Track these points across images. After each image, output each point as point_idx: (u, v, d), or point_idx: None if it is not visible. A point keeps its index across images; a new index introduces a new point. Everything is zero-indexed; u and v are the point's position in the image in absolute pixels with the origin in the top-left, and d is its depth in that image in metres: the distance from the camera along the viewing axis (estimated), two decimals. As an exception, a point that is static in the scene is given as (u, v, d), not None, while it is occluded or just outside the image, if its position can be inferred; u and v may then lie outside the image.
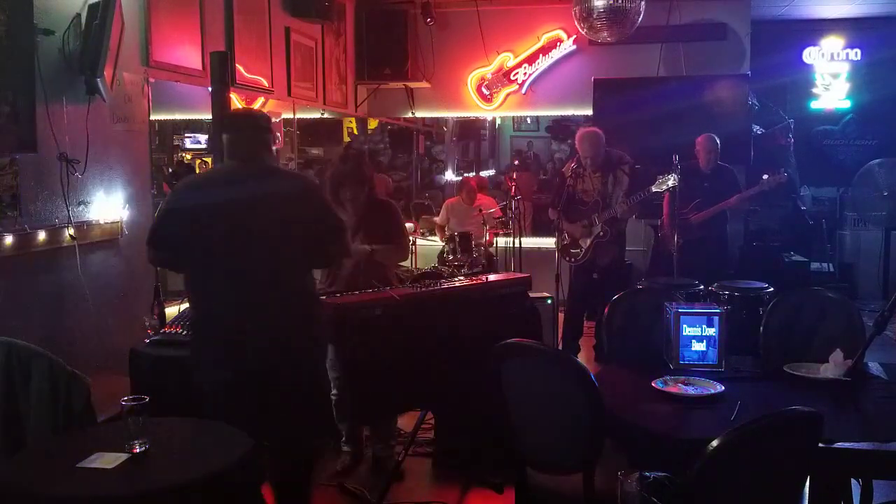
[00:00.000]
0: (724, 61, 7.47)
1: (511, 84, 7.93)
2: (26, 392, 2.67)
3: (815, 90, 9.10)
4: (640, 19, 6.18)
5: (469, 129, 11.25)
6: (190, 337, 3.05)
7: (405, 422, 4.43)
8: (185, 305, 3.66)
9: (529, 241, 7.28)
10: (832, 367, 2.90)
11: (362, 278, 3.81)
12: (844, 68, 9.02)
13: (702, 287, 5.06)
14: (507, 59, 7.90)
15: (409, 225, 7.82)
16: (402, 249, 4.01)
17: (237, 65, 5.36)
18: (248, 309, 2.81)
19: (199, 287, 2.92)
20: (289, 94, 6.30)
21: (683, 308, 3.13)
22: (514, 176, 6.99)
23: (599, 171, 5.48)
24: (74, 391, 2.69)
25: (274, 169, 3.04)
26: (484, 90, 8.00)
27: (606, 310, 3.62)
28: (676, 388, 2.81)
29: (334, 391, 4.00)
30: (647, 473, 1.74)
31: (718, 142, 5.96)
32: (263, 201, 2.84)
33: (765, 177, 5.78)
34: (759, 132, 8.21)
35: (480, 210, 7.12)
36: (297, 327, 2.92)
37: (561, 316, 5.64)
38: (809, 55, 9.05)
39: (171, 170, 9.30)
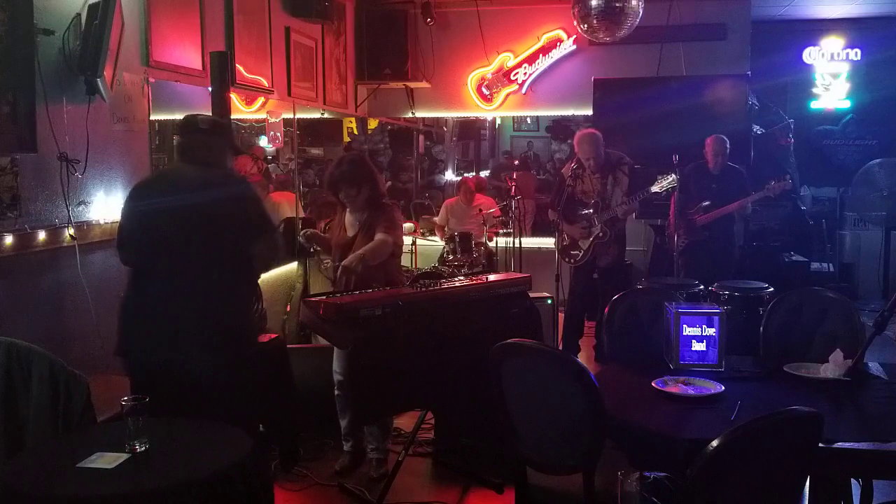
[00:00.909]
0: (724, 61, 7.47)
1: (511, 84, 7.93)
2: (26, 392, 2.67)
3: (815, 90, 9.10)
4: (638, 19, 6.18)
5: (469, 129, 11.26)
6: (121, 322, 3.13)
7: (405, 422, 4.44)
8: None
9: (529, 241, 7.29)
10: (832, 367, 2.90)
11: (364, 280, 3.80)
12: (844, 68, 9.02)
13: (702, 287, 5.07)
14: (507, 59, 7.90)
15: (408, 225, 7.84)
16: (383, 243, 3.77)
17: (237, 65, 5.36)
18: (179, 303, 2.94)
19: (139, 279, 3.07)
20: (289, 94, 6.30)
21: (683, 308, 3.13)
22: (515, 176, 7.00)
23: (599, 171, 5.48)
24: (74, 391, 2.69)
25: (213, 170, 3.15)
26: (484, 90, 8.00)
27: (606, 310, 3.62)
28: (676, 388, 2.81)
29: (336, 390, 4.02)
30: (647, 473, 1.74)
31: (728, 143, 5.93)
32: (198, 201, 2.99)
33: (771, 183, 5.76)
34: (759, 132, 8.21)
35: (480, 210, 7.12)
36: (224, 326, 3.01)
37: (561, 316, 5.64)
38: (809, 55, 9.05)
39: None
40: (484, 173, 11.12)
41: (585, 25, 6.28)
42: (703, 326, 3.07)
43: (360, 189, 3.84)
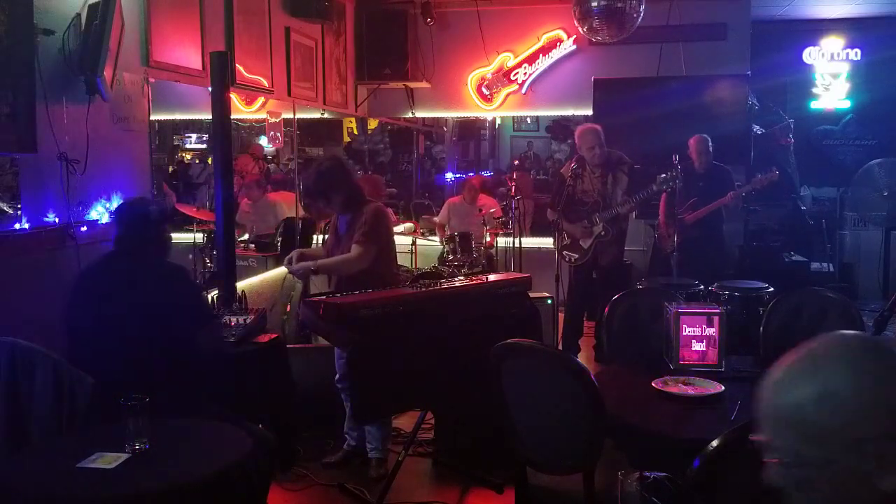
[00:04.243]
0: (724, 61, 7.47)
1: (511, 84, 7.92)
2: (30, 392, 2.67)
3: (815, 90, 9.10)
4: (639, 20, 6.18)
5: (469, 129, 11.26)
6: None
7: (405, 422, 4.44)
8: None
9: (529, 241, 7.28)
10: (832, 367, 2.89)
11: (349, 281, 3.84)
12: (844, 68, 9.02)
13: (702, 287, 5.07)
14: (507, 59, 7.90)
15: (408, 225, 7.84)
16: (353, 259, 3.81)
17: (237, 65, 5.36)
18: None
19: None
20: (289, 94, 6.30)
21: (683, 308, 3.13)
22: (515, 176, 7.01)
23: (600, 169, 5.48)
24: (79, 391, 2.69)
25: (147, 260, 3.05)
26: (484, 90, 8.00)
27: (606, 310, 3.62)
28: (676, 388, 2.81)
29: (338, 383, 4.04)
30: (647, 473, 1.74)
31: (710, 142, 6.00)
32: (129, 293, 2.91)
33: (758, 176, 5.81)
34: (759, 132, 8.21)
35: (481, 210, 7.12)
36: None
37: (561, 316, 5.64)
38: (809, 55, 9.05)
39: (171, 168, 9.33)
40: (485, 173, 11.12)
41: (586, 26, 6.28)
42: (703, 326, 3.07)
43: (330, 198, 3.90)
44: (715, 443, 1.99)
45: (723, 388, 2.77)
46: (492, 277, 4.17)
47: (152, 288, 2.97)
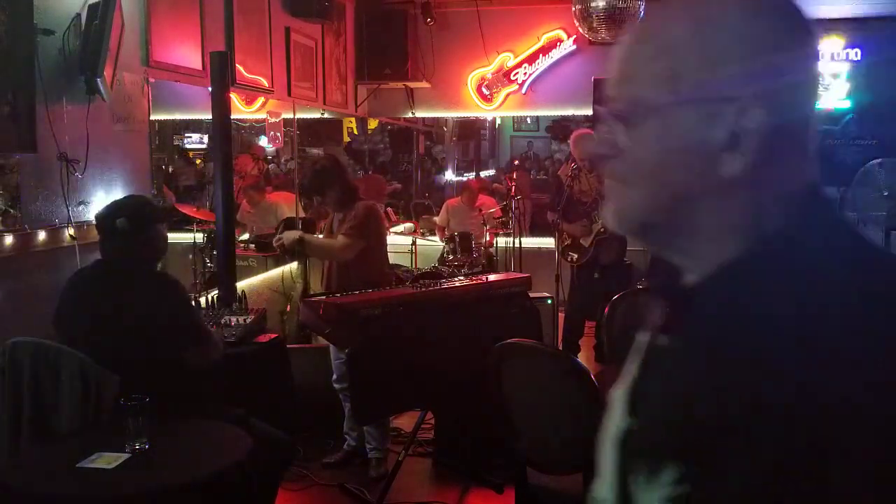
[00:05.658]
0: (724, 61, 7.46)
1: (511, 84, 7.92)
2: (55, 391, 2.67)
3: (815, 90, 9.09)
4: (639, 20, 6.18)
5: (469, 129, 11.26)
6: None
7: (405, 422, 4.44)
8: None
9: (529, 241, 7.28)
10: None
11: (340, 280, 3.89)
12: (844, 68, 9.01)
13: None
14: (507, 59, 7.90)
15: (408, 225, 7.84)
16: (337, 247, 3.89)
17: (237, 65, 5.35)
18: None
19: None
20: (289, 94, 6.30)
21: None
22: (515, 175, 7.01)
23: (596, 169, 5.50)
24: (104, 389, 2.68)
25: (131, 270, 2.89)
26: (484, 90, 8.00)
27: (606, 310, 3.62)
28: (676, 388, 2.81)
29: (336, 384, 4.05)
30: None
31: None
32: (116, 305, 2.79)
33: None
34: (759, 132, 8.21)
35: (480, 210, 7.12)
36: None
37: (561, 316, 5.65)
38: (809, 55, 9.04)
39: (171, 169, 9.32)
40: (484, 174, 11.12)
41: (586, 25, 6.28)
42: (703, 326, 3.06)
43: (325, 194, 3.99)
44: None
45: (723, 388, 2.77)
46: (492, 277, 4.17)
47: (134, 302, 2.79)
